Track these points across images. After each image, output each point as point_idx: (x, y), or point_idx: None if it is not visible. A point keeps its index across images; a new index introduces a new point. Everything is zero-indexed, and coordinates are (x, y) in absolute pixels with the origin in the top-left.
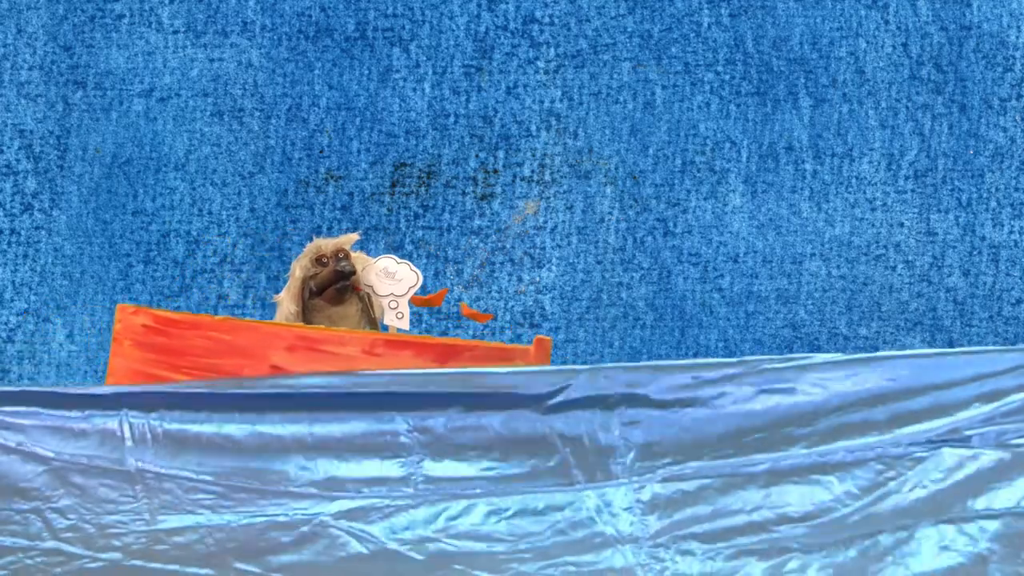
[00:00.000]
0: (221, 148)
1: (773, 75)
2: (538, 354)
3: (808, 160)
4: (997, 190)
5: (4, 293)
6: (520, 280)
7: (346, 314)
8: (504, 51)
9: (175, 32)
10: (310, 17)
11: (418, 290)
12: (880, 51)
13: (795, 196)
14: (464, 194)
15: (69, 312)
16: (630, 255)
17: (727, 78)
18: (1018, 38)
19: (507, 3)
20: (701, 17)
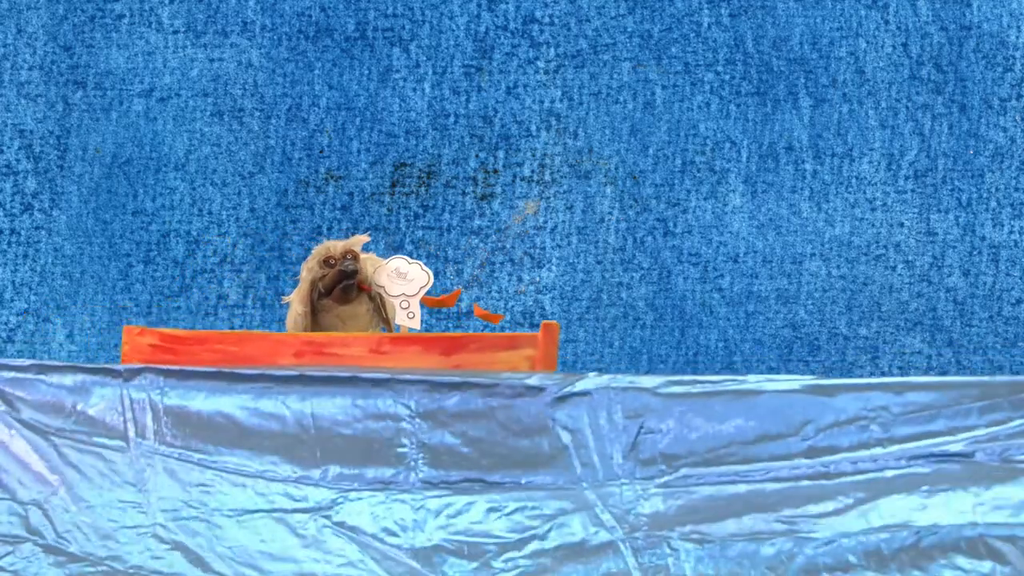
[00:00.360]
0: (221, 148)
1: (773, 75)
2: (546, 340)
3: (808, 160)
4: (997, 190)
5: (4, 293)
6: (520, 280)
7: (355, 313)
8: (504, 51)
9: (175, 32)
10: (310, 17)
11: (429, 290)
12: (880, 51)
13: (795, 196)
14: (464, 194)
15: (69, 312)
16: (630, 255)
17: (727, 78)
18: (1018, 38)
19: (507, 3)
20: (701, 17)
